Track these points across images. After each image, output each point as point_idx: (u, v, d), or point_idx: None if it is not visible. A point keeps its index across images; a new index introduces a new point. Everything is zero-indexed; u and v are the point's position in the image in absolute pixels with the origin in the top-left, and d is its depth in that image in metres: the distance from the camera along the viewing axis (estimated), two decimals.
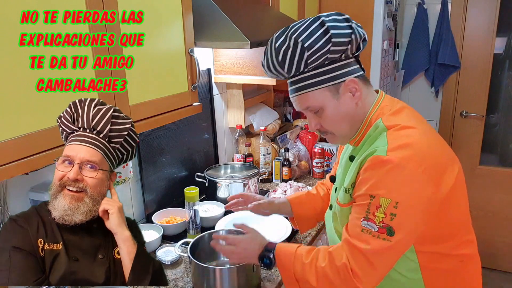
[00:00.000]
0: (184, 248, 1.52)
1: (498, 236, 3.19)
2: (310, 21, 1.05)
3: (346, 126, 1.13)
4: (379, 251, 1.00)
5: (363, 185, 1.03)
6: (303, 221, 1.50)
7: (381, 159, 1.00)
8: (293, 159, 2.40)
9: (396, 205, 0.98)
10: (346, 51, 1.05)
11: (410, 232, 1.02)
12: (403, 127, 1.05)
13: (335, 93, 1.08)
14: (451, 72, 3.05)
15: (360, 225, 1.02)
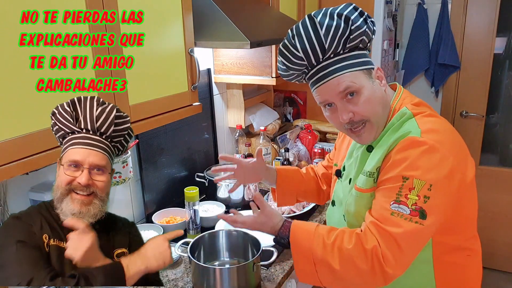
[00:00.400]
0: (184, 248, 1.52)
1: (498, 236, 3.19)
2: (343, 6, 1.03)
3: (381, 110, 1.08)
4: (411, 235, 0.97)
5: (395, 167, 1.00)
6: (283, 195, 1.46)
7: (416, 139, 0.98)
8: (293, 159, 2.40)
9: (430, 187, 0.96)
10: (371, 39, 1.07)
11: (440, 216, 1.00)
12: (430, 114, 1.06)
13: (369, 76, 1.07)
14: (451, 72, 3.05)
15: (389, 208, 0.99)
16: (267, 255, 1.45)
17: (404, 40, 3.14)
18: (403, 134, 1.01)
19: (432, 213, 0.97)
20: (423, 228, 0.97)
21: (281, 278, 1.51)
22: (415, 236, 0.98)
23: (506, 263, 3.24)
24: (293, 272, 1.69)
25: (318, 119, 2.89)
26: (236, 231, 1.59)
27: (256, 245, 1.48)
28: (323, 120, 2.84)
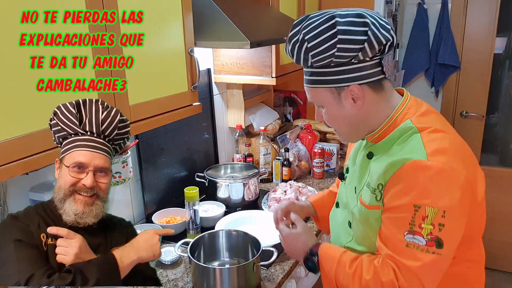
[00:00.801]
0: (184, 248, 1.52)
1: (498, 236, 3.19)
2: (324, 19, 0.97)
3: (346, 128, 1.09)
4: (431, 267, 0.93)
5: (404, 195, 0.94)
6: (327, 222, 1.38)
7: (423, 164, 0.92)
8: (293, 159, 2.40)
9: (444, 214, 0.91)
10: (356, 56, 0.98)
11: (457, 241, 0.96)
12: (436, 129, 0.99)
13: (336, 95, 1.03)
14: (451, 72, 3.05)
15: (403, 240, 0.94)
16: (267, 255, 1.45)
17: (404, 40, 3.14)
18: (409, 157, 0.95)
19: (449, 240, 0.93)
20: (441, 257, 0.93)
21: (281, 278, 1.51)
22: (435, 267, 0.94)
23: (506, 263, 3.24)
24: (293, 272, 1.70)
25: None
26: (236, 231, 1.59)
27: (256, 245, 1.48)
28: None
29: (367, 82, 1.01)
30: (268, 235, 1.70)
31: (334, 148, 2.53)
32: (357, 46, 0.96)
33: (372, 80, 1.02)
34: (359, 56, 0.98)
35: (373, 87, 1.02)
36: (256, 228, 1.76)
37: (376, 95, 1.03)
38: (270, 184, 2.37)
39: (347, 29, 0.95)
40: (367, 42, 0.96)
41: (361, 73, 1.00)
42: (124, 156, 1.60)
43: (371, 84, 1.02)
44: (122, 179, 1.60)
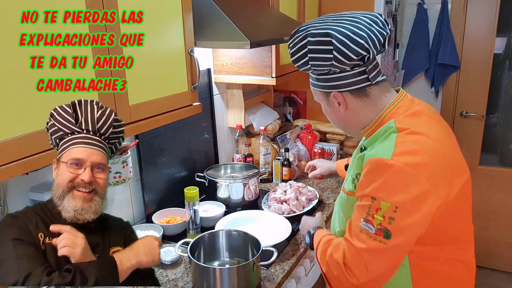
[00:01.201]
0: (184, 248, 1.52)
1: (498, 236, 3.19)
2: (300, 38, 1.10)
3: (339, 125, 1.23)
4: (373, 252, 1.03)
5: (366, 187, 1.04)
6: None
7: (385, 162, 1.00)
8: (293, 159, 2.41)
9: (396, 209, 0.99)
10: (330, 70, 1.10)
11: (407, 236, 1.02)
12: (413, 132, 1.04)
13: (326, 97, 1.17)
14: (451, 72, 3.05)
15: (359, 225, 1.05)
16: (267, 255, 1.45)
17: (404, 40, 3.14)
18: (376, 154, 1.03)
19: (397, 233, 1.00)
20: (387, 247, 1.01)
21: (281, 278, 1.51)
22: (379, 254, 1.03)
23: (506, 263, 3.25)
24: (293, 272, 1.70)
25: (318, 119, 2.89)
26: (236, 231, 1.59)
27: (256, 245, 1.48)
28: (323, 120, 2.84)
29: (348, 90, 1.12)
30: (268, 235, 1.70)
31: (334, 148, 2.53)
32: (326, 62, 1.08)
33: (354, 88, 1.11)
34: (333, 69, 1.09)
35: (355, 94, 1.12)
36: (256, 228, 1.76)
37: (359, 100, 1.13)
38: (270, 184, 2.37)
39: (315, 48, 1.07)
40: (334, 60, 1.06)
41: (342, 82, 1.11)
42: (124, 156, 1.61)
43: (353, 91, 1.12)
44: (122, 179, 1.61)
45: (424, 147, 1.01)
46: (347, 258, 1.07)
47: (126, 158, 1.61)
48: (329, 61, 1.06)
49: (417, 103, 1.14)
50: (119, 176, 1.59)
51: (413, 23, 3.05)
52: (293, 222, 1.78)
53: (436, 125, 1.11)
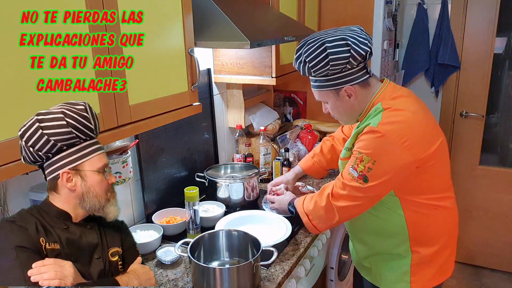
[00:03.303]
0: (184, 248, 1.52)
1: (498, 236, 3.19)
2: (316, 46, 1.38)
3: (344, 116, 1.53)
4: (353, 188, 1.41)
5: (357, 144, 1.41)
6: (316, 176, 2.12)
7: (372, 129, 1.36)
8: (293, 159, 2.40)
9: (374, 163, 1.35)
10: (345, 67, 1.38)
11: (382, 182, 1.36)
12: (395, 109, 1.39)
13: (336, 94, 1.47)
14: (451, 72, 3.05)
15: (348, 169, 1.42)
16: (267, 255, 1.45)
17: (404, 40, 3.14)
18: (368, 124, 1.39)
19: (373, 179, 1.36)
20: (362, 187, 1.39)
21: (281, 278, 1.51)
22: (356, 190, 1.40)
23: (506, 263, 3.24)
24: (293, 272, 1.70)
25: (318, 119, 2.89)
26: (236, 231, 1.59)
27: (256, 245, 1.48)
28: (323, 120, 2.84)
29: (356, 83, 1.43)
30: (268, 235, 1.70)
31: None
32: (344, 61, 1.37)
33: (360, 80, 1.44)
34: (347, 67, 1.39)
35: (361, 85, 1.45)
36: (256, 228, 1.76)
37: (364, 90, 1.46)
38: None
39: (334, 51, 1.36)
40: (351, 57, 1.37)
41: (351, 77, 1.42)
42: (124, 156, 1.61)
43: (360, 83, 1.44)
44: (122, 179, 1.61)
45: (403, 118, 1.36)
46: (334, 190, 1.46)
47: (126, 158, 1.61)
48: (346, 59, 1.36)
49: (398, 89, 1.48)
50: (119, 176, 1.59)
51: (413, 23, 3.05)
52: (293, 222, 1.78)
53: (414, 102, 1.44)
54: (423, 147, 1.35)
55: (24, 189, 1.40)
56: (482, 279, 3.21)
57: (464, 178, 3.20)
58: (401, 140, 1.32)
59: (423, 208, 1.45)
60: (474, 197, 3.21)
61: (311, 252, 1.91)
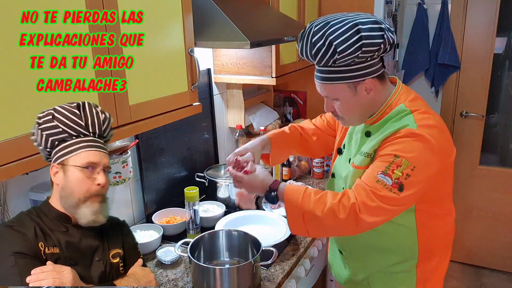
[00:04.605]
0: (184, 248, 1.52)
1: (498, 236, 3.19)
2: (348, 27, 1.16)
3: (356, 115, 1.31)
4: (387, 199, 1.18)
5: (391, 147, 1.21)
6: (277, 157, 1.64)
7: (414, 131, 1.19)
8: (293, 159, 2.41)
9: (413, 169, 1.17)
10: (373, 55, 1.19)
11: (415, 191, 1.20)
12: (424, 111, 1.25)
13: (353, 89, 1.24)
14: (451, 72, 3.05)
15: (376, 176, 1.19)
16: (267, 255, 1.45)
17: (404, 40, 3.14)
18: (403, 126, 1.22)
19: (409, 188, 1.18)
20: (398, 197, 1.18)
21: (281, 278, 1.51)
22: (390, 200, 1.18)
23: (506, 263, 3.24)
24: (293, 272, 1.70)
25: None
26: (236, 231, 1.59)
27: (256, 245, 1.48)
28: None
29: (376, 76, 1.24)
30: (268, 235, 1.70)
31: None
32: (375, 48, 1.18)
33: (379, 73, 1.25)
34: (374, 55, 1.20)
35: (380, 79, 1.26)
36: (256, 228, 1.77)
37: (381, 85, 1.27)
38: None
39: (369, 34, 1.16)
40: (383, 44, 1.18)
41: (372, 68, 1.22)
42: (124, 156, 1.61)
43: (379, 76, 1.25)
44: (122, 179, 1.61)
45: (435, 123, 1.23)
46: (361, 200, 1.18)
47: (126, 158, 1.61)
48: (378, 45, 1.17)
49: (410, 90, 1.34)
50: (119, 176, 1.59)
51: (413, 23, 3.05)
52: None
53: (429, 106, 1.31)
54: (448, 153, 1.26)
55: (24, 189, 1.40)
56: (482, 279, 3.20)
57: (464, 178, 3.20)
58: (437, 147, 1.19)
59: (436, 219, 1.33)
60: (474, 197, 3.21)
61: (311, 252, 1.91)
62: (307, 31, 1.21)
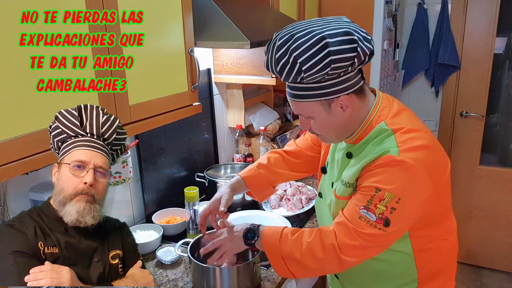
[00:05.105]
0: (184, 248, 1.52)
1: (498, 236, 3.19)
2: (314, 41, 1.01)
3: (333, 134, 1.18)
4: (372, 237, 1.08)
5: (371, 178, 1.08)
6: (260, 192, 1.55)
7: (394, 158, 1.05)
8: None
9: (399, 200, 1.05)
10: (346, 70, 1.06)
11: (404, 225, 1.11)
12: (409, 130, 1.10)
13: (326, 106, 1.11)
14: (451, 72, 3.05)
15: (358, 212, 1.09)
16: None
17: (404, 40, 3.14)
18: (384, 152, 1.08)
19: (396, 222, 1.07)
20: (384, 234, 1.08)
21: (281, 278, 1.51)
22: (376, 238, 1.08)
23: (506, 263, 3.25)
24: None
25: None
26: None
27: None
28: None
29: (353, 91, 1.10)
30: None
31: None
32: (348, 62, 1.03)
33: (357, 88, 1.11)
34: (348, 69, 1.06)
35: (358, 94, 1.12)
36: None
37: (360, 101, 1.13)
38: None
39: (338, 49, 1.01)
40: (356, 57, 1.03)
41: (348, 83, 1.08)
42: (124, 156, 1.61)
43: (356, 91, 1.11)
44: (122, 179, 1.61)
45: (422, 142, 1.08)
46: (341, 240, 1.09)
47: (126, 158, 1.61)
48: (351, 60, 1.03)
49: (391, 100, 1.20)
50: (119, 176, 1.59)
51: (413, 23, 3.05)
52: (293, 222, 1.78)
53: (413, 116, 1.18)
54: (440, 174, 1.12)
55: (24, 189, 1.40)
56: (482, 279, 3.20)
57: (464, 178, 3.20)
58: (425, 171, 1.06)
59: (435, 242, 1.21)
60: (474, 197, 3.21)
61: None
62: (271, 45, 1.08)
